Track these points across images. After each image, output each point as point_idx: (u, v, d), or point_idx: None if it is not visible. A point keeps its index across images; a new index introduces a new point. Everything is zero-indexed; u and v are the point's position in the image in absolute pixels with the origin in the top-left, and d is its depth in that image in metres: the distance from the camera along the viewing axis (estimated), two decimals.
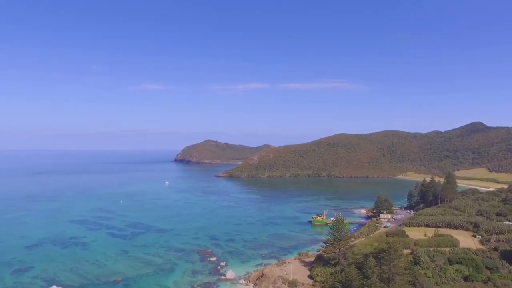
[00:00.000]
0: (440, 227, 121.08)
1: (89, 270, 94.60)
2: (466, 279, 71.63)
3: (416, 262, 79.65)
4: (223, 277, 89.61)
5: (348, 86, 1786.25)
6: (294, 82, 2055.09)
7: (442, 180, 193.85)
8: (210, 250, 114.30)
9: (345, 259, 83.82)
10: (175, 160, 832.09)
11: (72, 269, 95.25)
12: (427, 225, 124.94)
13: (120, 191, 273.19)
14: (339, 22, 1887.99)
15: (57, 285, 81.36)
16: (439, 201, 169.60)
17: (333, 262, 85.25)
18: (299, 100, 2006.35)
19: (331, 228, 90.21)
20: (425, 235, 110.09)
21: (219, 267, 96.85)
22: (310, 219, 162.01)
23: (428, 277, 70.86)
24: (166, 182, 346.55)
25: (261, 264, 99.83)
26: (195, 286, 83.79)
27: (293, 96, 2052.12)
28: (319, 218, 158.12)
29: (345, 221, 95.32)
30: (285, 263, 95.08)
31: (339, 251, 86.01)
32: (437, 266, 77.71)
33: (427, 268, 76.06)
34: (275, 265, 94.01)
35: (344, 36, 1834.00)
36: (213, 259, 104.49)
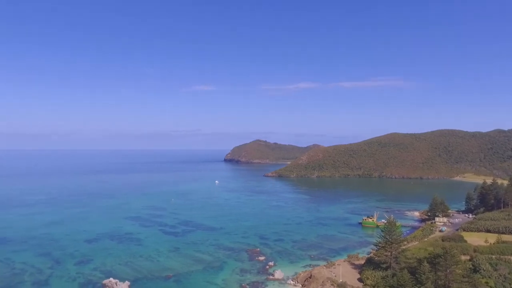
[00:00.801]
0: (503, 233, 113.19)
1: (143, 265, 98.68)
2: None
3: (475, 270, 74.79)
4: (271, 276, 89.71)
5: (401, 83, 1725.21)
6: (345, 80, 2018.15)
7: (505, 182, 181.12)
8: (258, 249, 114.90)
9: (397, 263, 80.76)
10: (225, 160, 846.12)
11: (127, 263, 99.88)
12: (488, 231, 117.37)
13: (172, 189, 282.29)
14: (393, 17, 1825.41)
15: (113, 278, 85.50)
16: (502, 205, 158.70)
17: (384, 265, 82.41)
18: (350, 99, 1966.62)
19: (382, 231, 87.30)
20: (486, 241, 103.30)
21: (267, 267, 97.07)
22: (360, 221, 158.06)
23: (490, 287, 66.37)
24: (216, 181, 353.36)
25: (309, 265, 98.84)
26: (243, 284, 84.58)
27: (344, 95, 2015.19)
28: (370, 220, 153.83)
29: (397, 224, 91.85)
30: (334, 264, 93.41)
31: (391, 255, 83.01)
32: (500, 276, 72.41)
33: (489, 277, 71.16)
34: (324, 267, 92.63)
35: (397, 31, 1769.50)
36: (262, 258, 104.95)
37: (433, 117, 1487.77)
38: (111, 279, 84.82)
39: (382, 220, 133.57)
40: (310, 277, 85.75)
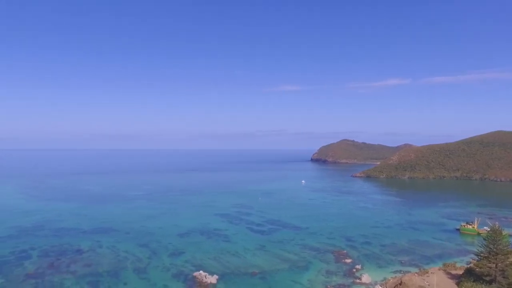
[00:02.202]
0: None
1: (230, 261, 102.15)
2: None
3: None
4: (358, 280, 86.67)
5: (505, 75, 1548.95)
6: (439, 75, 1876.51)
7: None
8: (345, 251, 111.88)
9: (504, 277, 72.34)
10: (311, 160, 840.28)
11: (215, 258, 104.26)
12: None
13: (259, 188, 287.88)
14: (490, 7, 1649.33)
15: (203, 271, 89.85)
16: None
17: (487, 278, 74.39)
18: (446, 95, 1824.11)
19: (485, 239, 78.93)
20: None
21: (354, 270, 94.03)
22: (458, 227, 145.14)
23: None
24: (303, 181, 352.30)
25: (400, 271, 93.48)
26: (329, 286, 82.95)
27: (438, 91, 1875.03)
28: (470, 227, 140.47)
29: (504, 232, 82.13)
30: (427, 272, 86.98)
31: (496, 267, 74.68)
32: None
33: None
34: (416, 274, 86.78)
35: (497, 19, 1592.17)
36: (348, 261, 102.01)
37: None
38: (201, 272, 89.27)
39: (485, 228, 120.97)
40: (400, 284, 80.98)
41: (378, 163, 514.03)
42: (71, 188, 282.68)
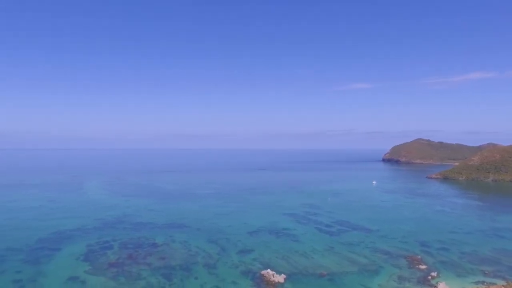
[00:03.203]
0: None
1: (298, 260, 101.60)
2: None
3: None
4: None
5: None
6: None
7: None
8: (419, 257, 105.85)
9: None
10: (383, 160, 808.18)
11: (283, 257, 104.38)
12: None
13: (328, 188, 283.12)
14: None
15: (271, 269, 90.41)
16: None
17: None
18: None
19: None
20: None
21: (429, 277, 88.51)
22: None
23: None
24: (374, 181, 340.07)
25: (482, 282, 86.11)
26: None
27: None
28: None
29: None
30: None
31: None
32: None
33: None
34: (502, 287, 79.48)
35: None
36: (423, 267, 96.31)
37: None
38: (268, 270, 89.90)
39: None
40: None
41: (457, 164, 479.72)
42: (146, 186, 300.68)
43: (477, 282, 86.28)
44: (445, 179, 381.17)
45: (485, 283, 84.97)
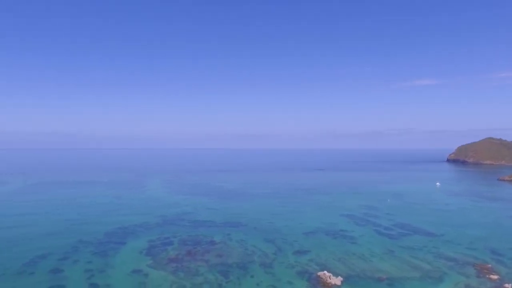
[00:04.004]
0: None
1: (355, 263, 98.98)
2: None
3: None
4: None
5: None
6: None
7: None
8: (489, 265, 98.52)
9: None
10: (447, 160, 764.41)
11: (340, 259, 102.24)
12: None
13: (387, 190, 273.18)
14: None
15: (327, 271, 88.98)
16: None
17: None
18: None
19: None
20: None
21: None
22: None
23: None
24: (437, 183, 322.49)
25: None
26: None
27: None
28: None
29: None
30: None
31: None
32: None
33: None
34: None
35: None
36: (494, 277, 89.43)
37: None
38: (325, 272, 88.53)
39: None
40: None
41: None
42: (204, 184, 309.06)
43: None
44: None
45: None
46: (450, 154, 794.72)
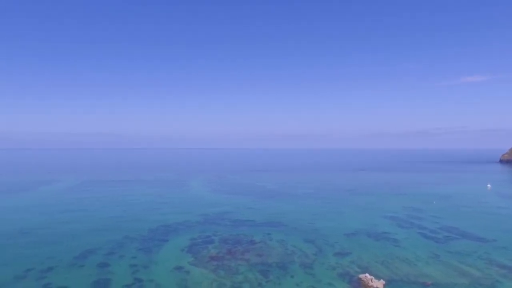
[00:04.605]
0: None
1: (399, 266, 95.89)
2: None
3: None
4: None
5: None
6: None
7: None
8: None
9: None
10: (500, 161, 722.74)
11: (383, 262, 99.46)
12: None
13: (433, 191, 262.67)
14: None
15: (369, 274, 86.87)
16: None
17: None
18: None
19: None
20: None
21: None
22: None
23: None
24: (488, 185, 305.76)
25: None
26: None
27: None
28: None
29: None
30: None
31: None
32: None
33: None
34: None
35: None
36: None
37: None
38: (366, 274, 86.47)
39: None
40: None
41: None
42: (245, 184, 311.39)
43: None
44: None
45: None
46: (503, 154, 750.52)
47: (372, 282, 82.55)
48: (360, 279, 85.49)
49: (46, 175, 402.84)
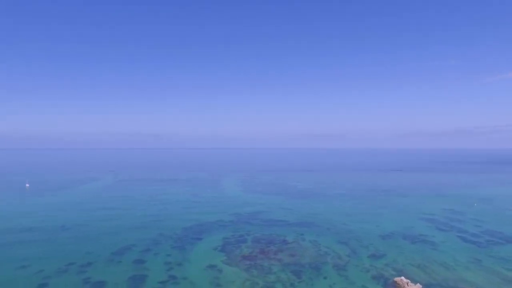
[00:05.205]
0: None
1: (437, 271, 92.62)
2: None
3: None
4: None
5: None
6: None
7: None
8: None
9: None
10: None
11: (419, 265, 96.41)
12: None
13: (474, 193, 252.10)
14: None
15: (405, 277, 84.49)
16: None
17: None
18: None
19: None
20: None
21: None
22: None
23: None
24: None
25: None
26: None
27: None
28: None
29: None
30: None
31: None
32: None
33: None
34: None
35: None
36: None
37: None
38: (402, 278, 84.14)
39: None
40: None
41: None
42: (278, 184, 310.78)
43: None
44: None
45: None
46: None
47: (408, 286, 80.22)
48: (395, 282, 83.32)
49: (86, 173, 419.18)
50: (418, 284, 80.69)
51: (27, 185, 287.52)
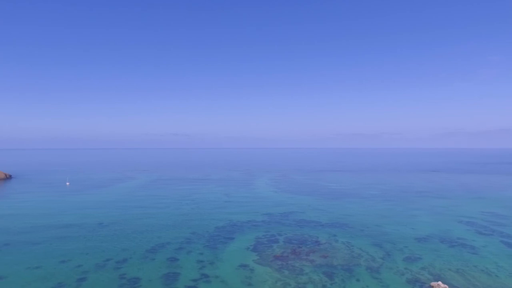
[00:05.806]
0: None
1: (477, 276, 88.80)
2: None
3: None
4: None
5: None
6: None
7: None
8: None
9: None
10: None
11: (458, 271, 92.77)
12: None
13: None
14: None
15: (442, 282, 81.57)
16: None
17: None
18: None
19: None
20: None
21: None
22: None
23: None
24: None
25: None
26: None
27: None
28: None
29: None
30: None
31: None
32: None
33: None
34: None
35: None
36: None
37: None
38: (439, 283, 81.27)
39: None
40: None
41: None
42: (310, 184, 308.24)
43: None
44: None
45: None
46: None
47: None
48: (432, 287, 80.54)
49: (122, 173, 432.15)
50: None
51: (68, 183, 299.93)
